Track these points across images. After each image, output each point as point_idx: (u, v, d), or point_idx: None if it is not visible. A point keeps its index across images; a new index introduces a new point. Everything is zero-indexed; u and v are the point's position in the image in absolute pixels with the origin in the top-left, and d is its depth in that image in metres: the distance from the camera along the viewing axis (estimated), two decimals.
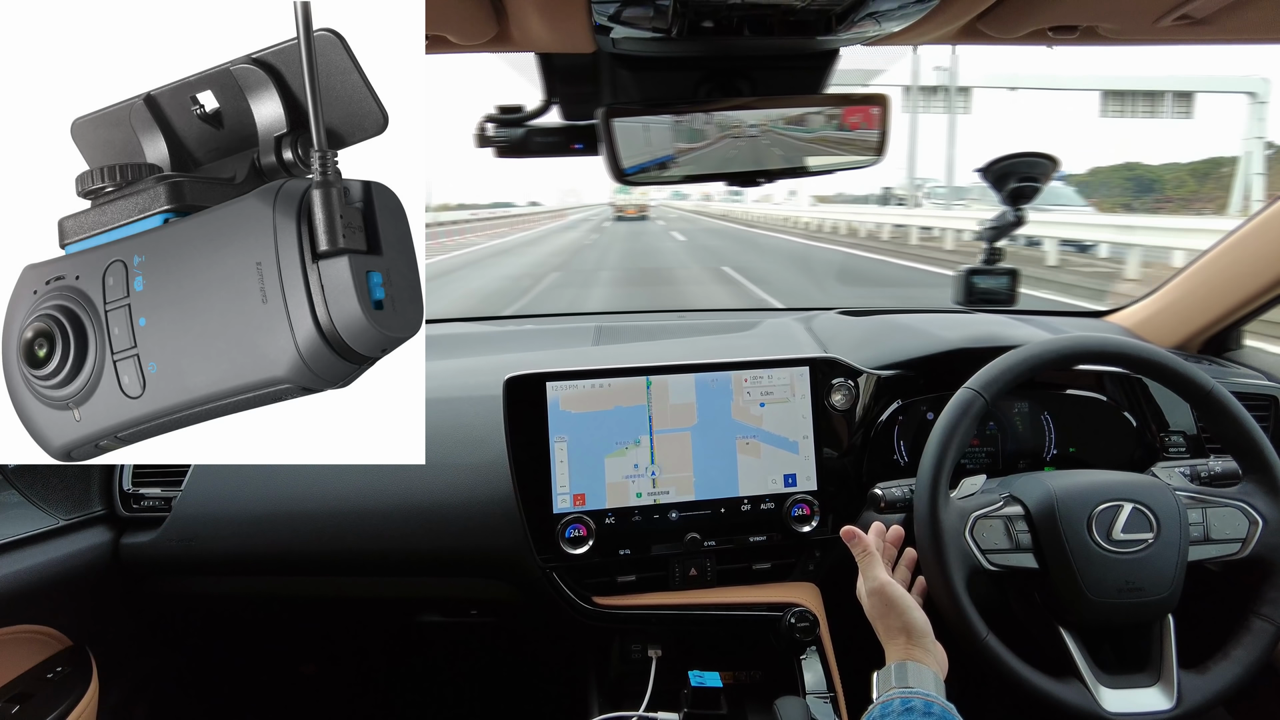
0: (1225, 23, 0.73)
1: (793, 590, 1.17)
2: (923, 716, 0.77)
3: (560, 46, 0.78)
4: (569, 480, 1.13)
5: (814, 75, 0.85)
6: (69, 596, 1.14)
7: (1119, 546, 0.92)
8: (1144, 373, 1.04)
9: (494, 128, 0.86)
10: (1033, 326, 1.40)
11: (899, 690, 0.81)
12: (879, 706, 0.81)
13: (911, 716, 0.77)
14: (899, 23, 0.72)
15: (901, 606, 0.90)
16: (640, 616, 1.15)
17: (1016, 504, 0.97)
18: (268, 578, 1.25)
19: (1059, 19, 0.74)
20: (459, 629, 1.40)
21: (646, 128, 0.80)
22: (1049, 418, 1.27)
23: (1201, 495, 0.98)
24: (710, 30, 0.72)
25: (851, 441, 1.22)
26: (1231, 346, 1.55)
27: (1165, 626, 0.94)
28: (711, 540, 1.15)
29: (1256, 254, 1.39)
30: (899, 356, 1.28)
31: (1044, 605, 0.96)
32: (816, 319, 1.57)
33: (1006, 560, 0.94)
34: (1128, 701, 0.90)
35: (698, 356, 1.18)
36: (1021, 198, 1.18)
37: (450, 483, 1.20)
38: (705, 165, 0.82)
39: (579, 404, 1.13)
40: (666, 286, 10.02)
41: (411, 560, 1.22)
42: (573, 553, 1.12)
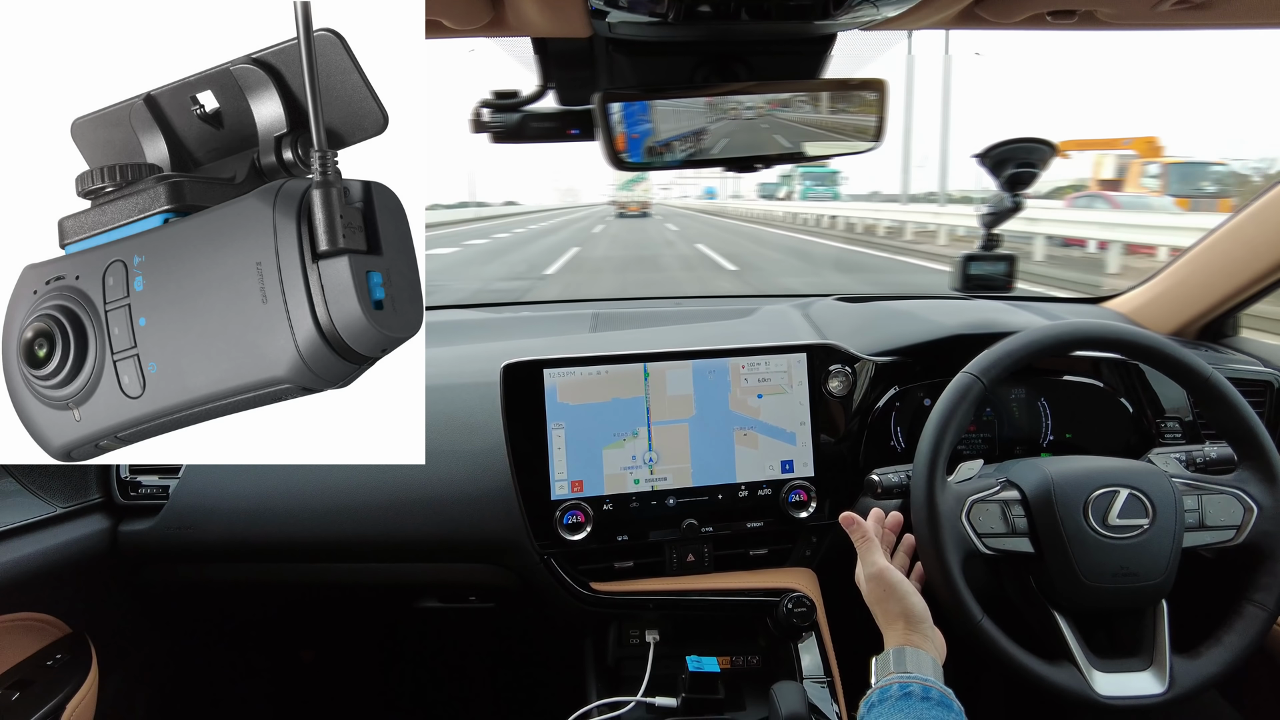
0: (1225, 7, 0.73)
1: (790, 576, 1.17)
2: (921, 701, 0.77)
3: (556, 31, 0.78)
4: (566, 467, 1.13)
5: (811, 60, 0.84)
6: (68, 584, 1.15)
7: (1114, 532, 0.92)
8: (1141, 359, 1.04)
9: (489, 113, 0.86)
10: (1030, 313, 1.40)
11: (897, 675, 0.81)
12: (877, 691, 0.81)
13: (910, 701, 0.77)
14: (897, 7, 0.71)
15: (900, 592, 0.91)
16: (638, 602, 1.15)
17: (1013, 489, 0.98)
18: (266, 564, 1.25)
19: (1057, 3, 0.73)
20: (457, 615, 1.40)
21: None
22: (1045, 404, 1.27)
23: (1197, 482, 0.99)
24: (707, 14, 0.71)
25: (849, 428, 1.22)
26: (1228, 333, 1.56)
27: (1159, 612, 0.95)
28: (709, 526, 1.16)
29: (1253, 240, 1.39)
30: (896, 343, 1.28)
31: (1038, 589, 0.96)
32: (814, 305, 1.57)
33: (1002, 544, 0.95)
34: (1120, 685, 0.91)
35: (695, 343, 1.18)
36: (1019, 183, 1.18)
37: (448, 469, 1.21)
38: (702, 151, 0.81)
39: (577, 395, 1.13)
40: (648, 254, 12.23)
41: (409, 546, 1.22)
42: (570, 539, 1.12)
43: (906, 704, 0.77)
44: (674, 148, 0.80)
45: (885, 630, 0.91)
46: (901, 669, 0.82)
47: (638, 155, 0.80)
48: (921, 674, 0.81)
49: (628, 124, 0.79)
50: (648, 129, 0.79)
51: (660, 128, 0.79)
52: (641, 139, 0.79)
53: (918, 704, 0.77)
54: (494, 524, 1.17)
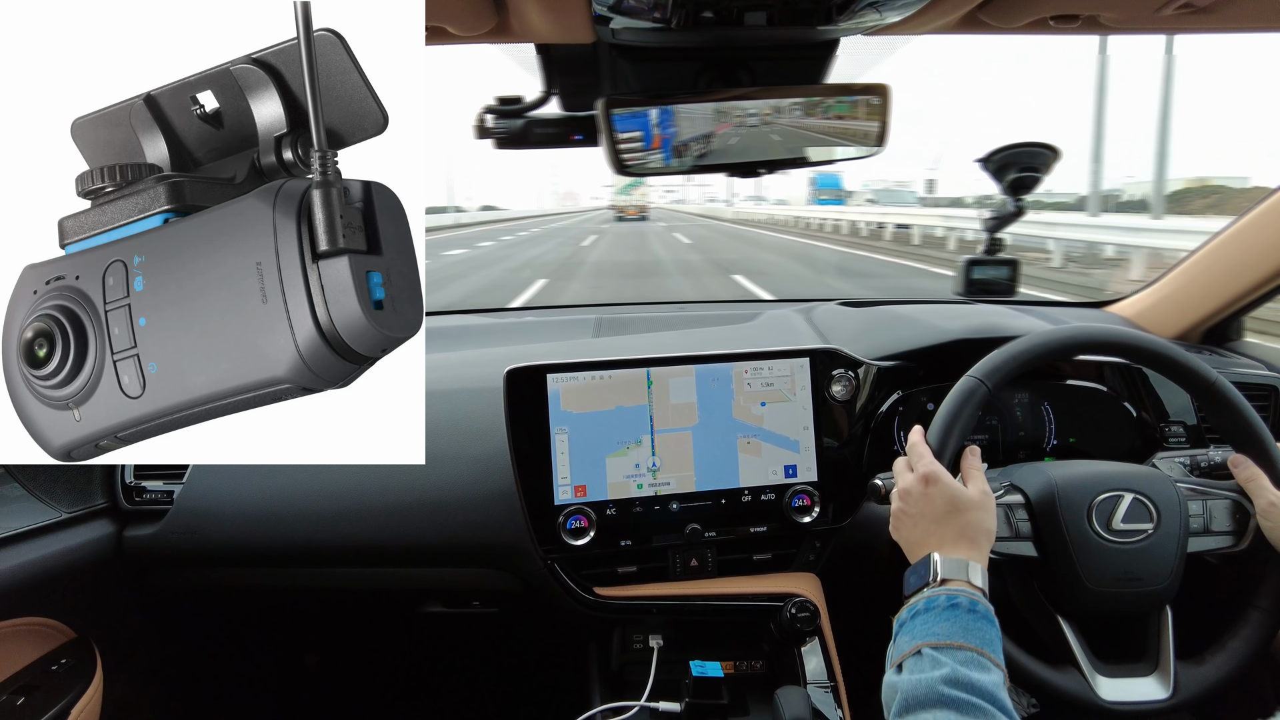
0: (1227, 11, 0.73)
1: (793, 580, 1.17)
2: (968, 613, 0.73)
3: (560, 37, 0.78)
4: (570, 472, 1.13)
5: (814, 65, 0.84)
6: (73, 589, 1.15)
7: (1118, 536, 0.92)
8: (1145, 363, 1.04)
9: (493, 119, 0.86)
10: (1033, 317, 1.40)
11: (949, 587, 0.77)
12: (923, 600, 0.76)
13: (957, 612, 0.74)
14: (900, 12, 0.72)
15: (964, 502, 0.83)
16: (641, 607, 1.15)
17: (1017, 493, 0.97)
18: (270, 569, 1.25)
19: (1060, 8, 0.73)
20: (461, 620, 1.40)
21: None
22: (1049, 408, 1.27)
23: (1202, 486, 0.98)
24: (710, 20, 0.72)
25: (852, 432, 1.22)
26: (1232, 337, 1.55)
27: (1163, 617, 0.94)
28: (712, 531, 1.15)
29: (1257, 244, 1.39)
30: (899, 347, 1.28)
31: (1042, 594, 0.96)
32: (816, 310, 1.57)
33: (1006, 548, 0.94)
34: (1124, 691, 0.90)
35: (698, 348, 1.18)
36: (1022, 188, 1.18)
37: (452, 475, 1.21)
38: (705, 156, 0.81)
39: (581, 403, 1.13)
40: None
41: (413, 551, 1.22)
42: (574, 544, 1.12)
43: (954, 614, 0.74)
44: (677, 152, 0.81)
45: (924, 540, 0.84)
46: (951, 576, 0.78)
47: (641, 160, 0.80)
48: (967, 583, 0.77)
49: (632, 129, 0.79)
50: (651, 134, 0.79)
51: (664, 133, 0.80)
52: (646, 144, 0.79)
53: (964, 615, 0.73)
54: (497, 529, 1.17)
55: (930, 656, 0.71)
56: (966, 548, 0.81)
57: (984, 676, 0.69)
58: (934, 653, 0.71)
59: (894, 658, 0.75)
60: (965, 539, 0.82)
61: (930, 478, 0.85)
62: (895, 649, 0.75)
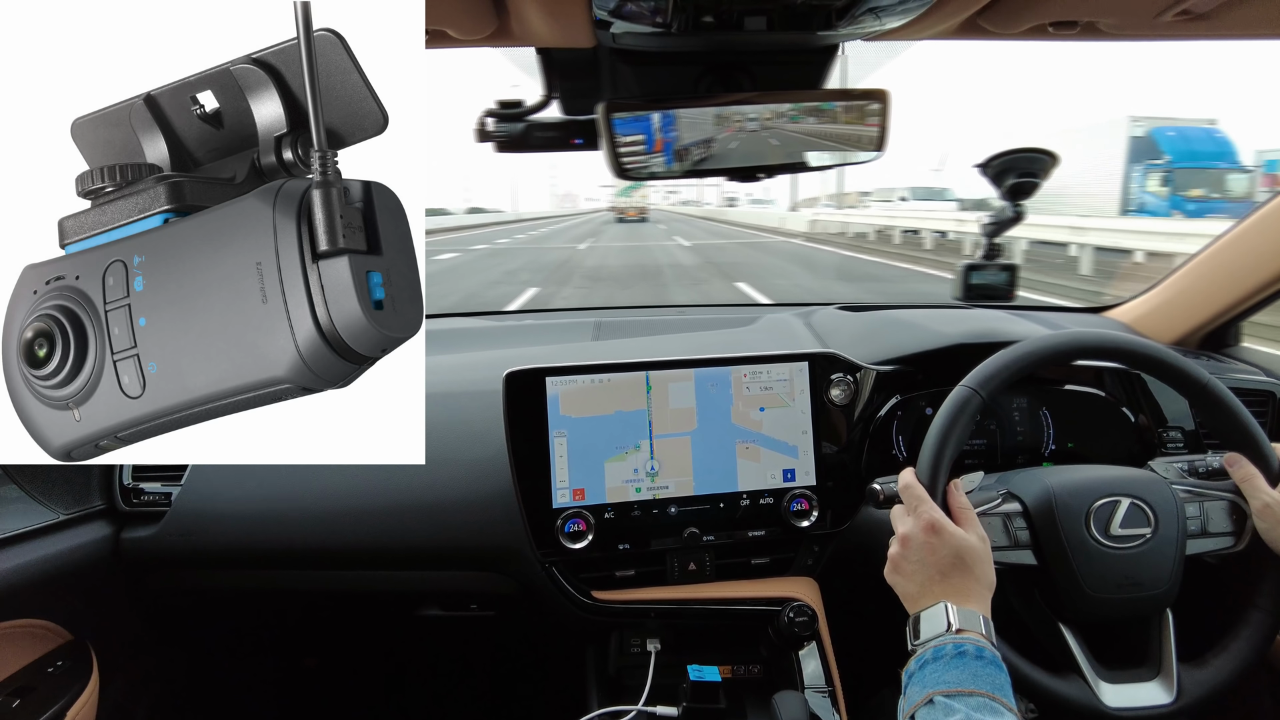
0: (1226, 18, 0.73)
1: (791, 585, 1.17)
2: (975, 660, 0.74)
3: (560, 41, 0.78)
4: (568, 475, 1.13)
5: (814, 70, 0.85)
6: (69, 591, 1.15)
7: (1117, 542, 0.92)
8: (1142, 368, 1.04)
9: (494, 123, 0.86)
10: (1031, 322, 1.40)
11: (953, 634, 0.77)
12: (930, 650, 0.76)
13: (964, 660, 0.74)
14: (899, 18, 0.72)
15: (965, 548, 0.83)
16: (639, 610, 1.15)
17: (1014, 501, 0.97)
18: (268, 572, 1.25)
19: (1059, 14, 0.74)
20: (459, 623, 1.40)
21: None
22: (1047, 413, 1.27)
23: (1199, 489, 0.98)
24: (710, 25, 0.72)
25: (850, 437, 1.22)
26: (1230, 342, 1.56)
27: (1164, 621, 0.94)
28: (710, 535, 1.15)
29: (1255, 250, 1.39)
30: (898, 352, 1.28)
31: (1043, 601, 0.96)
32: (815, 314, 1.57)
33: (1005, 557, 0.94)
34: (1128, 696, 0.90)
35: (697, 352, 1.18)
36: (1020, 193, 1.18)
37: (450, 477, 1.21)
38: (705, 161, 0.82)
39: (579, 407, 1.13)
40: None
41: (411, 554, 1.22)
42: (572, 547, 1.12)
43: (961, 662, 0.74)
44: (678, 157, 0.81)
45: (927, 590, 0.83)
46: (964, 627, 0.78)
47: (641, 164, 0.80)
48: (978, 633, 0.77)
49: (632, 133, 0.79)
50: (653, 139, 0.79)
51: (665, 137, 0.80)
52: (648, 148, 0.80)
53: (972, 662, 0.74)
54: (495, 532, 1.17)
55: (943, 704, 0.72)
56: (974, 600, 0.81)
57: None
58: (946, 700, 0.72)
59: (905, 710, 0.75)
60: (972, 595, 0.82)
61: (934, 527, 0.84)
62: (906, 701, 0.76)
